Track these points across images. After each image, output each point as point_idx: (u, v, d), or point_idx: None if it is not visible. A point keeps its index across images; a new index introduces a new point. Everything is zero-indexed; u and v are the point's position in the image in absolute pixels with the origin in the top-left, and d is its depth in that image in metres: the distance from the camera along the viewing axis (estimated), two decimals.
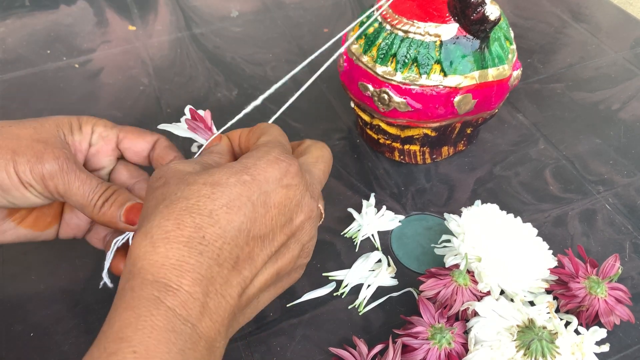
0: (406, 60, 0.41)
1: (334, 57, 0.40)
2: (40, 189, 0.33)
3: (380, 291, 0.40)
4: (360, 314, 0.39)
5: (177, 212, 0.27)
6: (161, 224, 0.27)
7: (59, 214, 0.39)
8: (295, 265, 0.33)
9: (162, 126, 0.39)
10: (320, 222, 0.37)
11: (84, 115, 0.38)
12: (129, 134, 0.38)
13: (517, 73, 0.45)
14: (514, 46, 0.45)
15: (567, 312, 0.36)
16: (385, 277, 0.40)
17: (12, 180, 0.32)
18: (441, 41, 0.41)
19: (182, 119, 0.38)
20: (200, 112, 0.38)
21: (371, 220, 0.44)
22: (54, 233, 0.39)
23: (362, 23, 0.45)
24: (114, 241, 0.35)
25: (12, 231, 0.37)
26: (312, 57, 0.40)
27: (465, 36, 0.41)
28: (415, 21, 0.41)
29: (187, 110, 0.38)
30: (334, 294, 0.40)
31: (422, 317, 0.35)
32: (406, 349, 0.34)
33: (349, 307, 0.39)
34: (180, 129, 0.38)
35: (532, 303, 0.37)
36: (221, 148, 0.36)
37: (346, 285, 0.40)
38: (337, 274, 0.41)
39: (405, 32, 0.41)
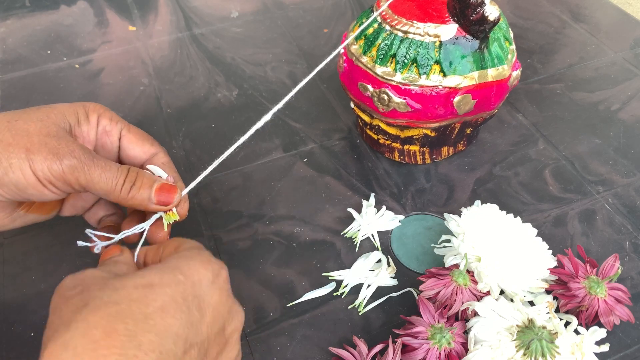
0: (406, 61, 0.41)
1: (332, 56, 0.40)
2: (60, 185, 0.32)
3: (380, 291, 0.40)
4: (360, 314, 0.39)
5: (106, 319, 0.24)
6: (87, 332, 0.23)
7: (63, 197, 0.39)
8: None
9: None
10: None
11: (89, 103, 0.37)
12: (130, 134, 0.37)
13: (516, 73, 0.45)
14: (513, 46, 0.45)
15: (566, 312, 0.36)
16: (385, 277, 0.40)
17: (28, 179, 0.32)
18: (441, 41, 0.41)
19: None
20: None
21: (371, 220, 0.44)
22: (55, 214, 0.39)
23: (361, 23, 0.45)
24: (140, 227, 0.35)
25: (20, 219, 0.37)
26: (321, 65, 0.39)
27: (464, 36, 0.41)
28: (414, 22, 0.41)
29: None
30: (334, 294, 0.40)
31: (422, 317, 0.35)
32: (406, 349, 0.34)
33: (349, 307, 0.39)
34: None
35: (532, 303, 0.37)
36: (126, 258, 0.32)
37: (346, 285, 0.40)
38: (337, 274, 0.41)
39: (405, 32, 0.41)
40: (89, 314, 0.24)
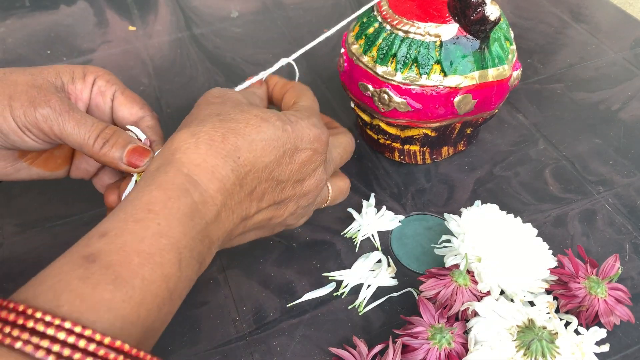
0: (406, 61, 0.41)
1: (320, 38, 0.42)
2: (36, 132, 0.34)
3: (380, 291, 0.40)
4: (360, 314, 0.39)
5: (226, 129, 0.31)
6: (210, 131, 0.31)
7: (69, 156, 0.40)
8: (283, 221, 0.36)
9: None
10: (325, 205, 0.41)
11: (90, 66, 0.39)
12: (122, 97, 0.38)
13: (517, 73, 0.45)
14: (513, 46, 0.45)
15: (567, 312, 0.36)
16: (385, 277, 0.40)
17: (9, 125, 0.33)
18: (441, 41, 0.41)
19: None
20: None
21: (371, 220, 0.44)
22: (64, 173, 0.40)
23: (362, 23, 0.45)
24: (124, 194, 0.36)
25: (25, 170, 0.38)
26: (312, 43, 0.41)
27: (465, 36, 0.41)
28: (415, 21, 0.41)
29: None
30: (334, 294, 0.40)
31: (422, 317, 0.35)
32: (406, 349, 0.34)
33: (349, 307, 0.39)
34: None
35: (532, 303, 0.37)
36: (262, 93, 0.41)
37: (346, 285, 0.40)
38: (337, 274, 0.41)
39: (406, 32, 0.41)
40: (218, 121, 0.32)
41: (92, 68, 0.38)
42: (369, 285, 0.40)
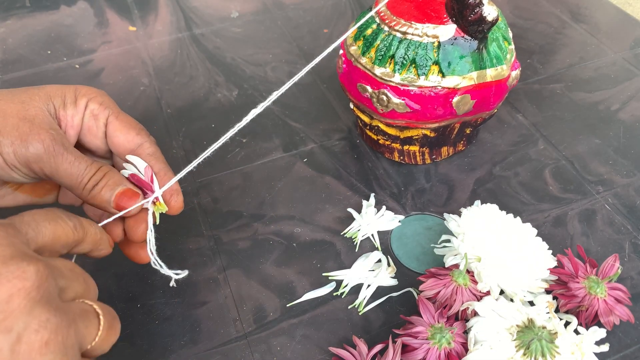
0: (404, 62, 0.41)
1: (328, 50, 0.40)
2: (25, 171, 0.32)
3: (380, 291, 0.40)
4: (360, 314, 0.39)
5: None
6: None
7: (57, 184, 0.38)
8: None
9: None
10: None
11: (82, 86, 0.36)
12: (117, 121, 0.35)
13: (515, 73, 0.45)
14: (512, 46, 0.45)
15: (566, 312, 0.36)
16: (385, 277, 0.41)
17: None
18: (439, 42, 0.41)
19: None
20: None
21: (371, 220, 0.44)
22: (52, 199, 0.38)
23: (361, 24, 0.45)
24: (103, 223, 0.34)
25: (10, 196, 0.36)
26: (317, 59, 0.39)
27: (463, 37, 0.41)
28: (413, 22, 0.41)
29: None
30: (334, 294, 0.40)
31: (422, 317, 0.35)
32: (406, 349, 0.34)
33: (349, 307, 0.40)
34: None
35: (531, 303, 0.37)
36: None
37: (346, 285, 0.40)
38: (337, 274, 0.41)
39: (404, 33, 0.41)
40: None
41: (85, 90, 0.35)
42: (368, 285, 0.40)
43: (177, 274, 0.37)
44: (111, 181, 0.33)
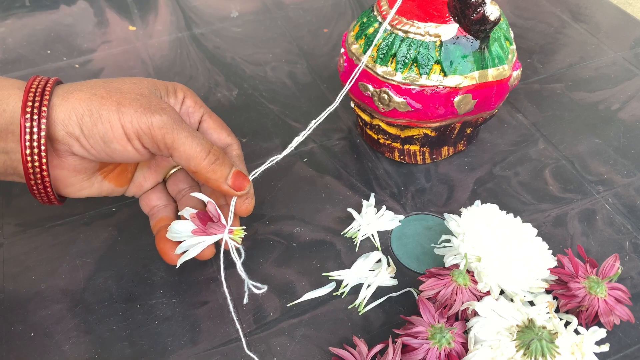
0: (406, 61, 0.41)
1: (333, 55, 0.40)
2: (146, 140, 0.33)
3: (380, 291, 0.40)
4: (360, 313, 0.39)
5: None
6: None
7: (134, 171, 0.40)
8: None
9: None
10: None
11: (176, 83, 0.38)
12: (211, 120, 0.38)
13: (517, 73, 0.45)
14: (513, 46, 0.45)
15: (566, 312, 0.36)
16: (385, 277, 0.40)
17: (115, 132, 0.32)
18: (441, 41, 0.41)
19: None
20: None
21: (371, 220, 0.44)
22: (124, 190, 0.40)
23: (362, 23, 0.45)
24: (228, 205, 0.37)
25: (97, 184, 0.38)
26: (348, 86, 0.40)
27: (465, 36, 0.41)
28: (415, 21, 0.41)
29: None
30: (334, 294, 0.40)
31: (422, 317, 0.35)
32: (406, 349, 0.34)
33: (349, 307, 0.39)
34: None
35: (532, 303, 0.37)
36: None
37: (346, 285, 0.40)
38: (337, 274, 0.41)
39: (405, 32, 0.41)
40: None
41: (180, 85, 0.38)
42: (369, 285, 0.40)
43: (257, 287, 0.39)
44: (227, 159, 0.35)
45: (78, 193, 0.37)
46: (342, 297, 0.40)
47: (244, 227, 0.37)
